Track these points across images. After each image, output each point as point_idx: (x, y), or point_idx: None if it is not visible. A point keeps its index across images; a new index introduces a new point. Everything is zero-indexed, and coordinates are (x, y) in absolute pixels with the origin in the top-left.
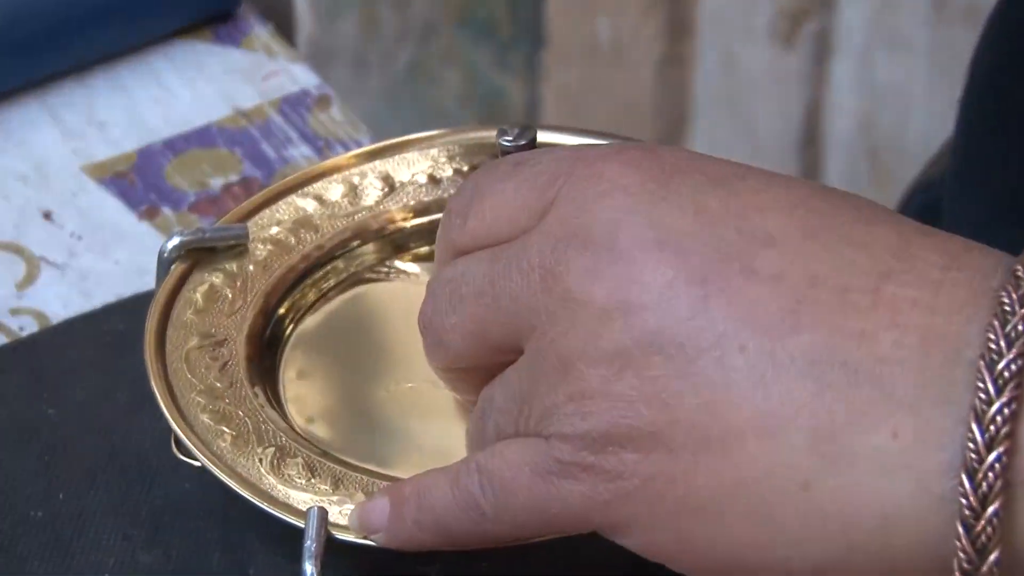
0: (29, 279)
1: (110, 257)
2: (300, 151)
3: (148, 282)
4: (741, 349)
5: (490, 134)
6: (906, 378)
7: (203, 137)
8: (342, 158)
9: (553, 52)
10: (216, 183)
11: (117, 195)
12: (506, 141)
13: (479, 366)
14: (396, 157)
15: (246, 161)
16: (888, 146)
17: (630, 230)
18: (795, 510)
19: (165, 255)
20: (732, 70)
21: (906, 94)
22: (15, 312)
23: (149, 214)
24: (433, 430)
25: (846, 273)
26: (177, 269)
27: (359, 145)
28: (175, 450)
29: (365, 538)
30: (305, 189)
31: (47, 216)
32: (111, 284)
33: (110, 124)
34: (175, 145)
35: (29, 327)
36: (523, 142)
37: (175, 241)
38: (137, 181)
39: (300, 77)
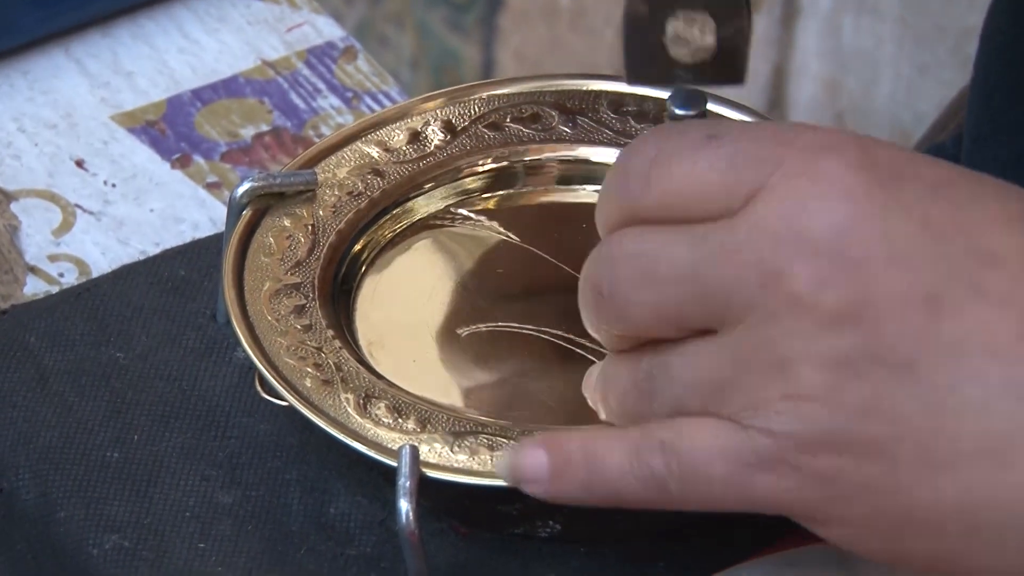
0: (65, 226)
1: (145, 205)
2: (330, 102)
3: (184, 230)
4: (974, 373)
5: (551, 83)
6: None
7: (231, 87)
8: (402, 105)
9: (510, 14)
10: (247, 133)
11: (148, 144)
12: (679, 108)
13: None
14: (456, 104)
15: (275, 111)
16: (854, 110)
17: (861, 240)
18: (1021, 537)
19: (236, 200)
20: None
21: (873, 58)
22: (53, 258)
23: (182, 163)
24: (507, 372)
25: None
26: (247, 214)
27: (388, 96)
28: (259, 390)
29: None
30: (368, 136)
31: (79, 164)
32: (148, 232)
33: (137, 74)
34: (203, 95)
35: (69, 273)
36: (695, 112)
37: (245, 186)
38: (168, 130)
39: (325, 29)
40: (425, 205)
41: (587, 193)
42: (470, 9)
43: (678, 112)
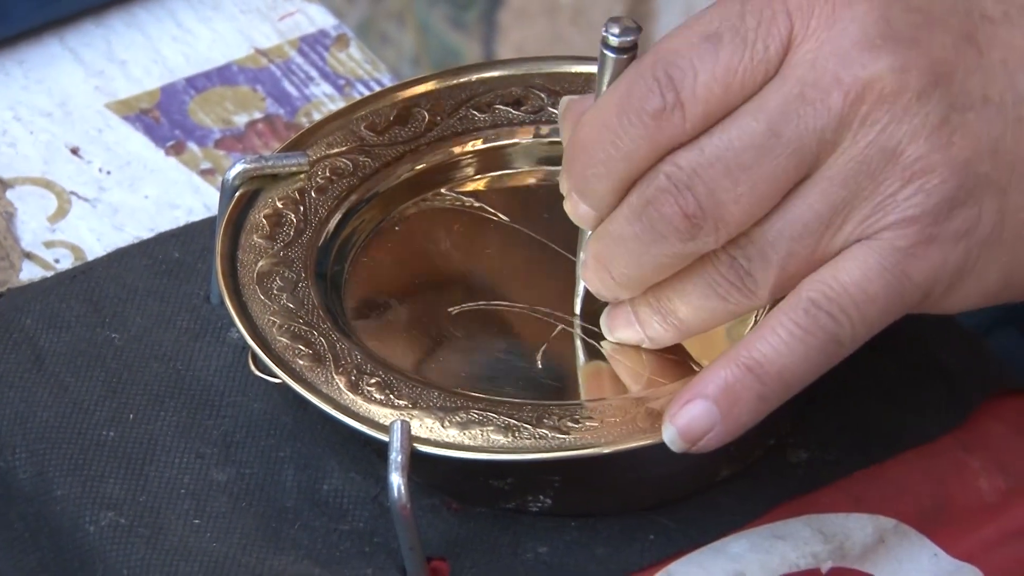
0: (61, 213)
1: (139, 192)
2: (322, 89)
3: (178, 216)
4: None
5: (540, 66)
6: None
7: (224, 75)
8: (392, 87)
9: (510, 10)
10: (240, 120)
11: (143, 131)
12: (614, 35)
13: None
14: (446, 86)
15: (269, 99)
16: None
17: (898, 21)
18: None
19: (229, 182)
20: None
21: None
22: (49, 244)
23: (176, 150)
24: (497, 349)
25: None
26: (239, 196)
27: (380, 83)
28: (253, 369)
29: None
30: (358, 117)
31: (74, 152)
32: (143, 218)
33: (131, 62)
34: (197, 83)
35: (64, 259)
36: (631, 38)
37: (238, 168)
38: (162, 118)
39: (317, 17)
40: (415, 186)
41: None
42: (471, 6)
43: (614, 40)
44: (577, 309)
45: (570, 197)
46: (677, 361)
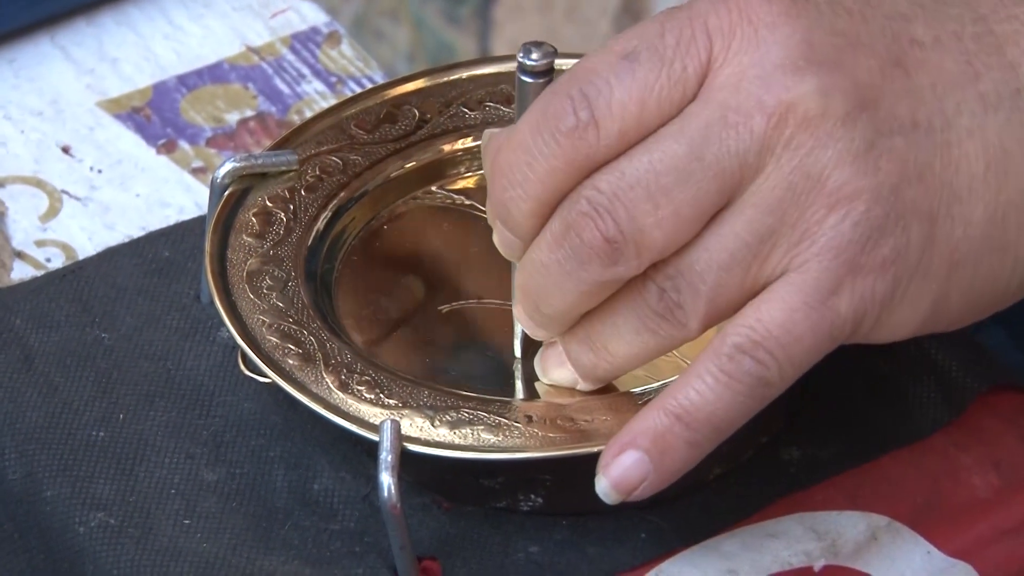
0: (52, 212)
1: (131, 190)
2: (314, 87)
3: (170, 215)
4: (956, 107)
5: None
6: None
7: (216, 73)
8: (382, 85)
9: (505, 5)
10: (232, 118)
11: (134, 130)
12: (531, 60)
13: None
14: (436, 84)
15: (260, 96)
16: None
17: (822, 44)
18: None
19: (218, 181)
20: None
21: None
22: (40, 244)
23: (167, 148)
24: (486, 347)
25: (972, 23)
26: (229, 194)
27: (372, 80)
28: (242, 368)
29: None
30: (348, 115)
31: (65, 150)
32: (134, 217)
33: (122, 60)
34: (188, 81)
35: (56, 258)
36: (547, 61)
37: (227, 167)
38: (153, 116)
39: (309, 15)
40: (405, 184)
41: None
42: (465, 1)
43: (530, 64)
44: (517, 352)
45: (494, 225)
46: (666, 359)
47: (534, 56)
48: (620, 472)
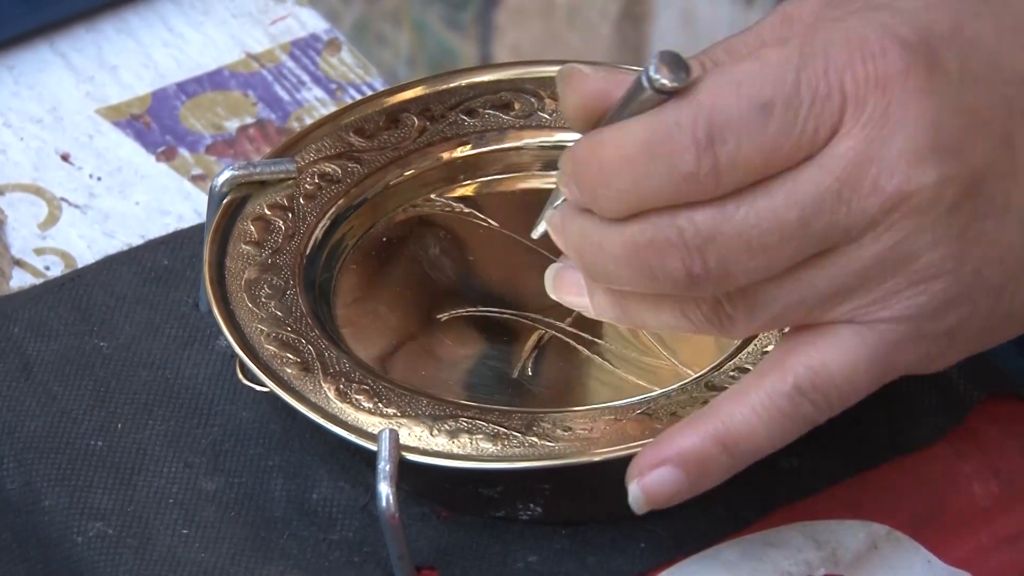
0: (51, 220)
1: (131, 198)
2: (314, 94)
3: (169, 222)
4: None
5: (530, 70)
6: None
7: (216, 80)
8: (381, 92)
9: (506, 10)
10: (231, 125)
11: (133, 137)
12: (666, 79)
13: None
14: (435, 91)
15: (260, 104)
16: None
17: (947, 127)
18: None
19: (216, 189)
20: (691, 27)
21: None
22: (40, 252)
23: (167, 155)
24: (486, 356)
25: None
26: (228, 203)
27: (372, 87)
28: (240, 377)
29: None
30: (347, 123)
31: (65, 158)
32: (134, 224)
33: (122, 68)
34: (188, 88)
35: (55, 266)
36: (680, 84)
37: (226, 175)
38: (153, 123)
39: (308, 22)
40: (404, 192)
41: None
42: (467, 6)
43: (663, 83)
44: (535, 234)
45: (568, 188)
46: (667, 367)
47: (668, 75)
48: (656, 486)
